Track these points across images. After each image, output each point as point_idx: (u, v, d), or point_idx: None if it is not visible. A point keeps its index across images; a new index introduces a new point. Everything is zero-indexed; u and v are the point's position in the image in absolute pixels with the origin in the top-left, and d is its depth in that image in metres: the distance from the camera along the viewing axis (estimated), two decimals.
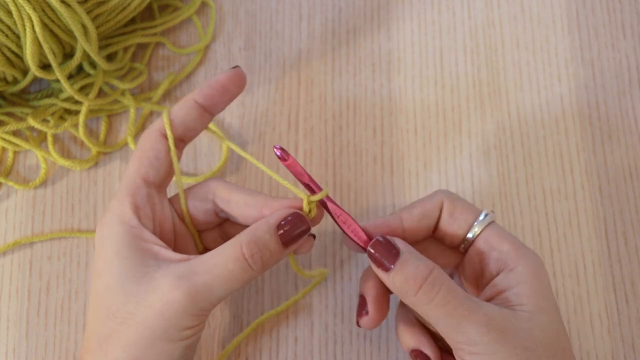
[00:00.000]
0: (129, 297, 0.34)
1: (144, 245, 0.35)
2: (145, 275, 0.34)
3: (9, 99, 0.49)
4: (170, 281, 0.34)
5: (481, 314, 0.34)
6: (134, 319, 0.34)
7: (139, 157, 0.38)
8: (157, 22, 0.50)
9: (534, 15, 0.51)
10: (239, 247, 0.35)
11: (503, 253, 0.37)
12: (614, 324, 0.44)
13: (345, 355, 0.44)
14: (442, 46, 0.51)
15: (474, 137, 0.48)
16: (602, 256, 0.46)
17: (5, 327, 0.45)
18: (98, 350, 0.35)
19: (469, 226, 0.38)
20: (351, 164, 0.48)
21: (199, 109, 0.38)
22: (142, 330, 0.34)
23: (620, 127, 0.49)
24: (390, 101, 0.49)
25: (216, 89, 0.38)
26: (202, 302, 0.34)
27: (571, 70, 0.50)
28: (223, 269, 0.34)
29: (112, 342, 0.34)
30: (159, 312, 0.34)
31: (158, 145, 0.38)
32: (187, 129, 0.38)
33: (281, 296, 0.45)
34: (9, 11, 0.41)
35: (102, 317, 0.35)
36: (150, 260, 0.35)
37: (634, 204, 0.47)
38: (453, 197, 0.39)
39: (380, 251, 0.35)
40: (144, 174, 0.37)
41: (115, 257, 0.35)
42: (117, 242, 0.35)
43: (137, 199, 0.37)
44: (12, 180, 0.47)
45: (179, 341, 0.34)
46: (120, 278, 0.35)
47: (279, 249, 0.36)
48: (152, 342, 0.34)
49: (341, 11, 0.52)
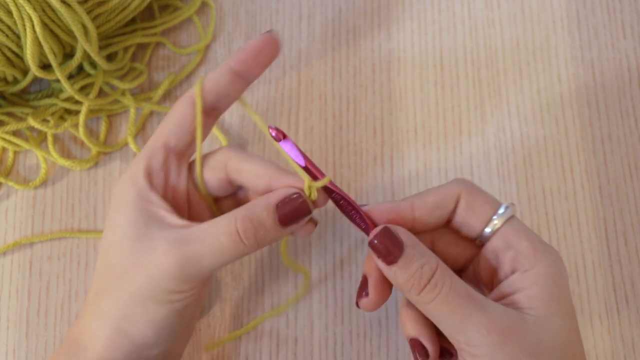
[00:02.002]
0: (126, 254, 0.35)
1: (150, 207, 0.36)
2: (145, 236, 0.35)
3: (9, 99, 0.49)
4: (164, 245, 0.34)
5: (483, 315, 0.33)
6: (127, 275, 0.35)
7: (166, 122, 0.38)
8: (157, 22, 0.50)
9: (534, 15, 0.51)
10: (233, 220, 0.35)
11: (520, 252, 0.35)
12: (614, 324, 0.44)
13: (345, 355, 0.44)
14: (442, 46, 0.51)
15: (474, 137, 0.48)
16: (602, 256, 0.46)
17: (5, 327, 0.45)
18: (93, 302, 0.36)
19: (486, 220, 0.36)
20: (351, 164, 0.48)
21: (233, 74, 0.37)
22: (131, 288, 0.35)
23: (620, 127, 0.49)
24: (390, 101, 0.49)
25: (250, 53, 0.37)
26: (190, 269, 0.34)
27: (571, 70, 0.50)
28: (214, 240, 0.34)
29: (105, 295, 0.35)
30: (148, 273, 0.34)
31: (185, 112, 0.37)
32: (221, 96, 0.38)
33: (281, 296, 0.45)
34: (9, 11, 0.41)
35: (102, 271, 0.36)
36: (153, 222, 0.36)
37: (634, 204, 0.47)
38: (471, 188, 0.37)
39: (384, 243, 0.34)
40: (166, 139, 0.37)
41: (122, 215, 0.36)
42: (125, 202, 0.36)
43: (152, 163, 0.37)
44: (12, 180, 0.47)
45: (166, 304, 0.35)
46: (123, 236, 0.35)
47: (276, 228, 0.35)
48: (139, 301, 0.35)
49: (341, 11, 0.52)
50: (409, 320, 0.37)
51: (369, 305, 0.37)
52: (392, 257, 0.34)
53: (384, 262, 0.34)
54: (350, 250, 0.46)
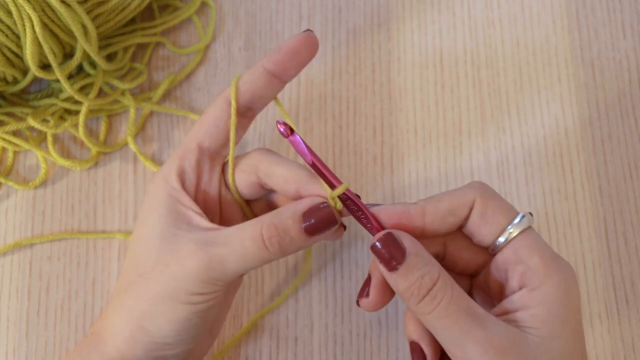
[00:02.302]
0: (153, 252, 0.35)
1: (181, 208, 0.36)
2: (173, 236, 0.35)
3: (9, 99, 0.49)
4: (190, 246, 0.35)
5: (482, 332, 0.32)
6: (151, 273, 0.35)
7: (201, 122, 0.38)
8: (157, 22, 0.50)
9: (534, 15, 0.51)
10: (259, 227, 0.35)
11: (530, 268, 0.34)
12: (614, 324, 0.44)
13: (345, 355, 0.44)
14: (442, 46, 0.51)
15: (474, 137, 0.48)
16: (602, 256, 0.46)
17: (5, 327, 0.45)
18: (118, 297, 0.36)
19: (499, 230, 0.34)
20: (351, 164, 0.48)
21: (268, 75, 0.37)
22: (154, 286, 0.35)
23: (620, 127, 0.49)
24: (390, 101, 0.49)
25: (286, 53, 0.37)
26: (214, 271, 0.34)
27: (571, 70, 0.50)
28: (239, 245, 0.34)
29: (130, 291, 0.36)
30: (172, 273, 0.35)
31: (220, 113, 0.37)
32: (256, 97, 0.38)
33: (275, 296, 0.45)
34: (9, 11, 0.41)
35: (129, 267, 0.37)
36: (182, 224, 0.36)
37: (634, 204, 0.47)
38: (487, 194, 0.35)
39: (386, 249, 0.34)
40: (200, 140, 0.37)
41: (152, 213, 0.36)
42: (157, 200, 0.36)
43: (185, 164, 0.37)
44: (12, 180, 0.47)
45: (188, 304, 0.35)
46: (151, 233, 0.36)
47: (302, 237, 0.35)
48: (161, 299, 0.35)
49: (341, 11, 0.52)
50: (411, 322, 0.36)
51: (369, 306, 0.36)
52: (394, 263, 0.33)
53: (385, 268, 0.34)
54: (350, 251, 0.46)
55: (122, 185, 0.48)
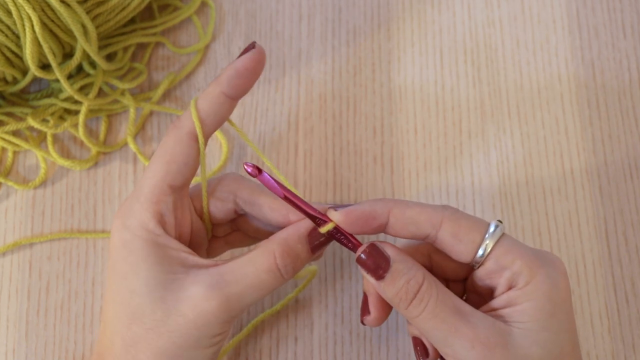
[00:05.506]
0: (157, 303, 0.34)
1: (171, 252, 0.35)
2: (174, 282, 0.34)
3: (9, 99, 0.49)
4: (202, 291, 0.34)
5: (468, 329, 0.33)
6: (164, 326, 0.34)
7: (168, 162, 0.36)
8: (157, 22, 0.50)
9: (534, 15, 0.51)
10: (272, 257, 0.35)
11: (515, 272, 0.34)
12: (614, 324, 0.44)
13: (345, 355, 0.44)
14: (442, 46, 0.51)
15: (474, 137, 0.48)
16: (602, 256, 0.46)
17: (5, 327, 0.45)
18: (125, 355, 0.35)
19: (476, 246, 0.35)
20: (351, 164, 0.48)
21: (226, 98, 0.37)
22: (174, 339, 0.34)
23: (620, 127, 0.49)
24: (390, 101, 0.49)
25: (245, 76, 0.36)
26: (233, 310, 0.35)
27: (571, 70, 0.50)
28: (255, 279, 0.35)
29: (142, 349, 0.34)
30: (192, 322, 0.34)
31: (189, 150, 0.36)
32: (215, 122, 0.37)
33: (281, 297, 0.45)
34: (8, 11, 0.41)
35: (126, 321, 0.35)
36: (178, 267, 0.35)
37: (634, 204, 0.47)
38: (456, 216, 0.35)
39: (371, 259, 0.35)
40: (171, 181, 0.36)
41: (143, 262, 0.35)
42: (143, 248, 0.35)
43: (162, 207, 0.36)
44: (12, 180, 0.47)
45: (210, 347, 0.35)
46: (148, 283, 0.34)
47: (309, 257, 0.37)
48: (184, 350, 0.34)
49: (341, 11, 0.51)
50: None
51: (374, 322, 0.38)
52: (380, 272, 0.35)
53: (373, 278, 0.35)
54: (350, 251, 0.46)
55: (122, 185, 0.48)
